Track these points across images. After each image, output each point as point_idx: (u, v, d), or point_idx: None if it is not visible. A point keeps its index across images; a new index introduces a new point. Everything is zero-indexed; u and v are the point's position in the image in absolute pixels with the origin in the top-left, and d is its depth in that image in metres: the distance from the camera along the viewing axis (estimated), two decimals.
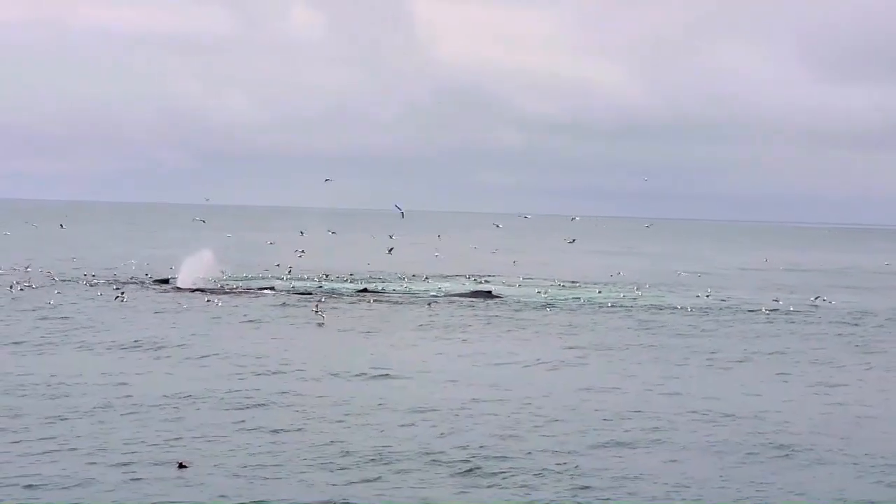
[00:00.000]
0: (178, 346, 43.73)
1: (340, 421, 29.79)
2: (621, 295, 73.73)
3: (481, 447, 27.21)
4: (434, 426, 29.52)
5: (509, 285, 79.90)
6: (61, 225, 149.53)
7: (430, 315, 58.19)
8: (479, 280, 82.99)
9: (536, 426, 30.26)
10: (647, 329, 55.21)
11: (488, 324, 55.69)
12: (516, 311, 62.35)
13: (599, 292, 75.54)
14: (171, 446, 25.93)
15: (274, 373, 37.89)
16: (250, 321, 53.46)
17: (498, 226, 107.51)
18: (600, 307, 65.66)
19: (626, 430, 29.92)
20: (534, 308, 64.26)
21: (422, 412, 31.34)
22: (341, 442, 27.00)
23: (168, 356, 41.12)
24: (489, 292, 72.70)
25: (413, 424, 29.70)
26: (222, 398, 32.40)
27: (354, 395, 33.79)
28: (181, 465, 24.40)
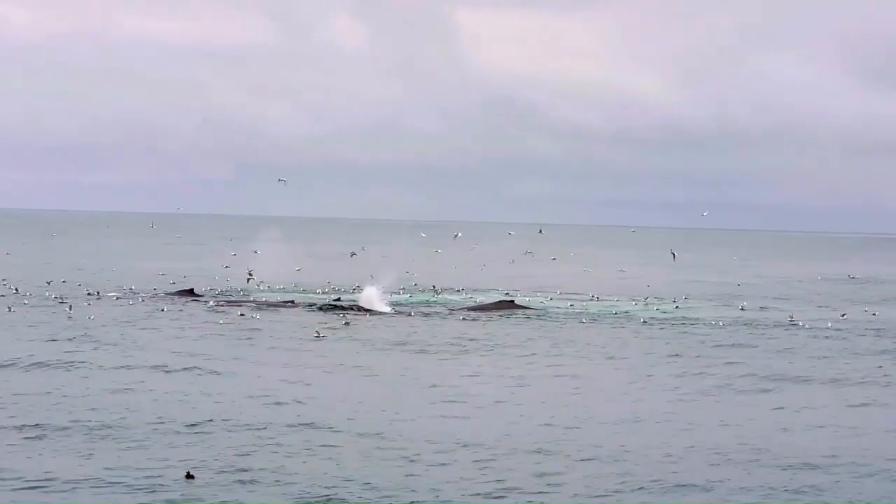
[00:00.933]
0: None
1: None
2: (654, 308, 71.71)
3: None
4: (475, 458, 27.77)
5: (541, 296, 78.31)
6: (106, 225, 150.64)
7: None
8: (506, 291, 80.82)
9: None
10: (678, 342, 53.05)
11: (520, 341, 53.52)
12: (542, 324, 60.49)
13: (635, 304, 73.45)
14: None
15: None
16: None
17: (511, 234, 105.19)
18: (629, 320, 63.48)
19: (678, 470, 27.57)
20: (562, 320, 62.10)
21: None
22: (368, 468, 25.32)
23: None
24: (512, 301, 70.47)
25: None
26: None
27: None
28: (189, 475, 23.77)
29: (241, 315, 58.41)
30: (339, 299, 70.20)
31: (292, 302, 67.14)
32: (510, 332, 55.82)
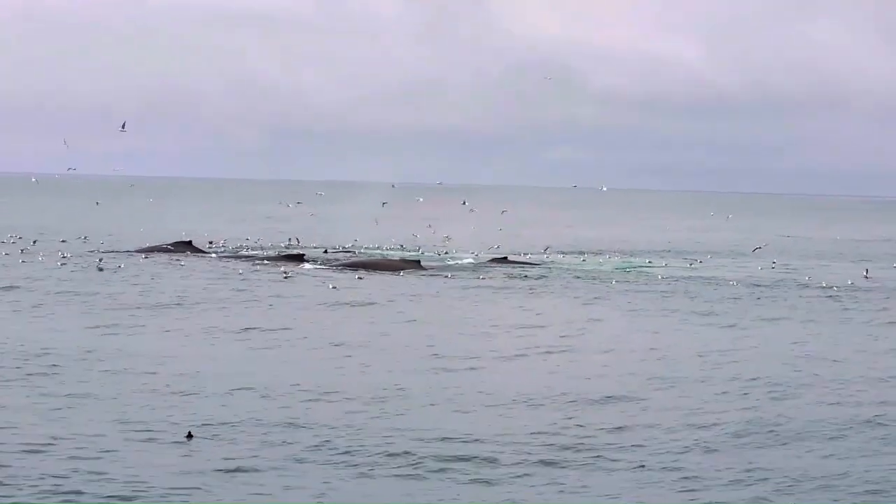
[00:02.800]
0: None
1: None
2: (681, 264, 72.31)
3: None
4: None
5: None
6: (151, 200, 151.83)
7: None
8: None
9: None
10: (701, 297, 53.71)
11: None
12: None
13: (649, 262, 73.67)
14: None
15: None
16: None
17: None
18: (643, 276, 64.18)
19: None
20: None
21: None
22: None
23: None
24: (505, 258, 70.21)
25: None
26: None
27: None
28: (190, 435, 24.20)
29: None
30: (325, 251, 73.41)
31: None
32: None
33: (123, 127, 58.14)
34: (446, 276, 60.71)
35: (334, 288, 51.88)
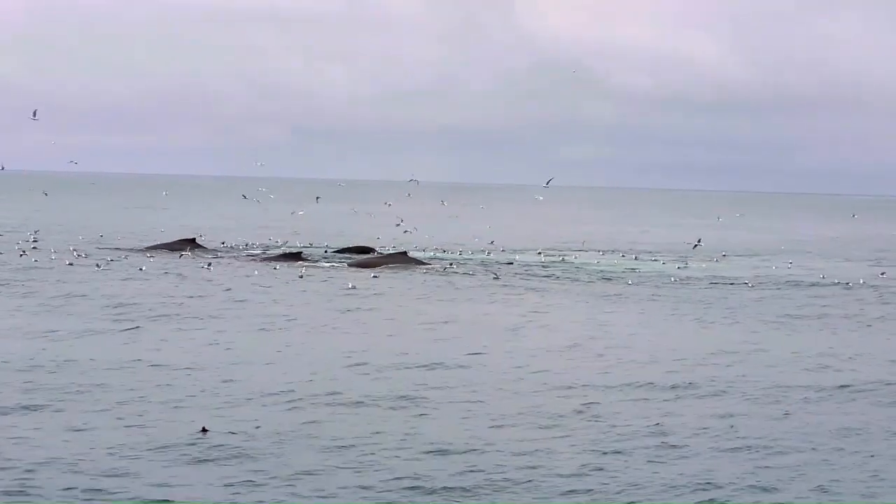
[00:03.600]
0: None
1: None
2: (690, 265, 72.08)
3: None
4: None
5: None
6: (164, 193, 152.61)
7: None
8: (550, 253, 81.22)
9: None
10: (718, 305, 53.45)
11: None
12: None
13: (664, 263, 72.94)
14: None
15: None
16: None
17: (540, 198, 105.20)
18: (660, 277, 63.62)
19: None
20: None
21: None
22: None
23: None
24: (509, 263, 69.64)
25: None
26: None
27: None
28: (204, 430, 24.57)
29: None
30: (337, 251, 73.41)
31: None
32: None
33: (35, 115, 56.99)
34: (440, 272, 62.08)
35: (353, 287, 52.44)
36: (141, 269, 57.99)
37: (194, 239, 72.94)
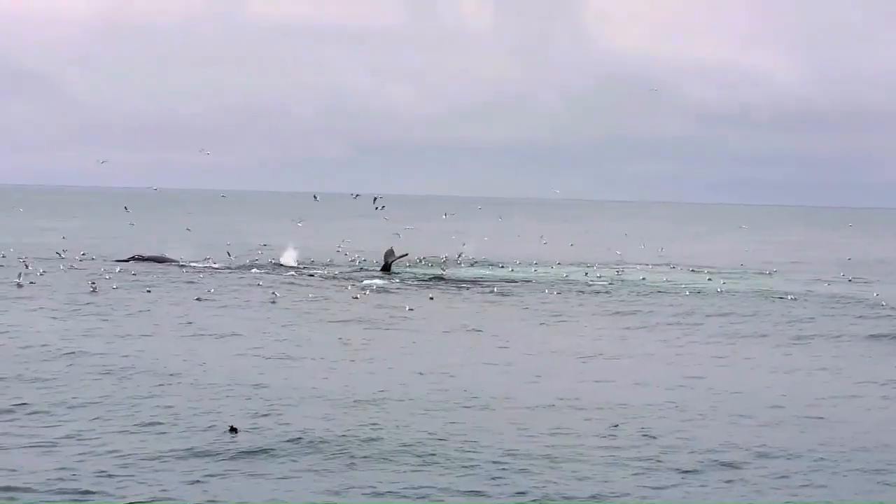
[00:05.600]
0: None
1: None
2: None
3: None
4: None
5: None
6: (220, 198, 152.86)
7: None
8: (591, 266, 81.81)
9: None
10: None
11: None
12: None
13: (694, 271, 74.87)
14: None
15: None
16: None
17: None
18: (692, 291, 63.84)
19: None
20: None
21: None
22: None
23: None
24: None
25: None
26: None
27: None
28: (233, 429, 25.65)
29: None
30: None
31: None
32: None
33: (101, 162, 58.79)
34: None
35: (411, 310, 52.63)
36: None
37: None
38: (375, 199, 71.92)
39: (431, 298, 57.48)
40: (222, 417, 27.15)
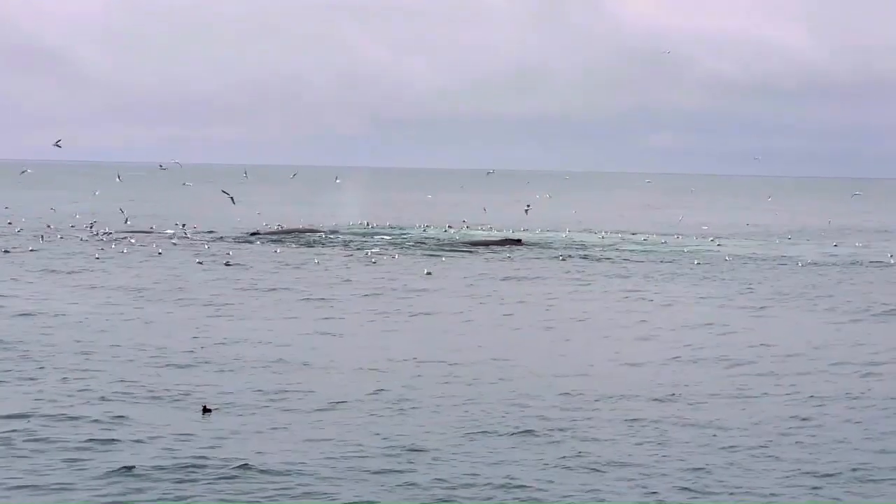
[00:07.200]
0: None
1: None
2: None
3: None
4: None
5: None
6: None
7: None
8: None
9: None
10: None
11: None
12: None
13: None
14: None
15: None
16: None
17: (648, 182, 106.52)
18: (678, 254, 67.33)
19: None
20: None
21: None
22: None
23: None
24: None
25: None
26: None
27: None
28: (206, 410, 25.23)
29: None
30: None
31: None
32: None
33: (58, 143, 59.79)
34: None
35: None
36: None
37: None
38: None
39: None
40: None
